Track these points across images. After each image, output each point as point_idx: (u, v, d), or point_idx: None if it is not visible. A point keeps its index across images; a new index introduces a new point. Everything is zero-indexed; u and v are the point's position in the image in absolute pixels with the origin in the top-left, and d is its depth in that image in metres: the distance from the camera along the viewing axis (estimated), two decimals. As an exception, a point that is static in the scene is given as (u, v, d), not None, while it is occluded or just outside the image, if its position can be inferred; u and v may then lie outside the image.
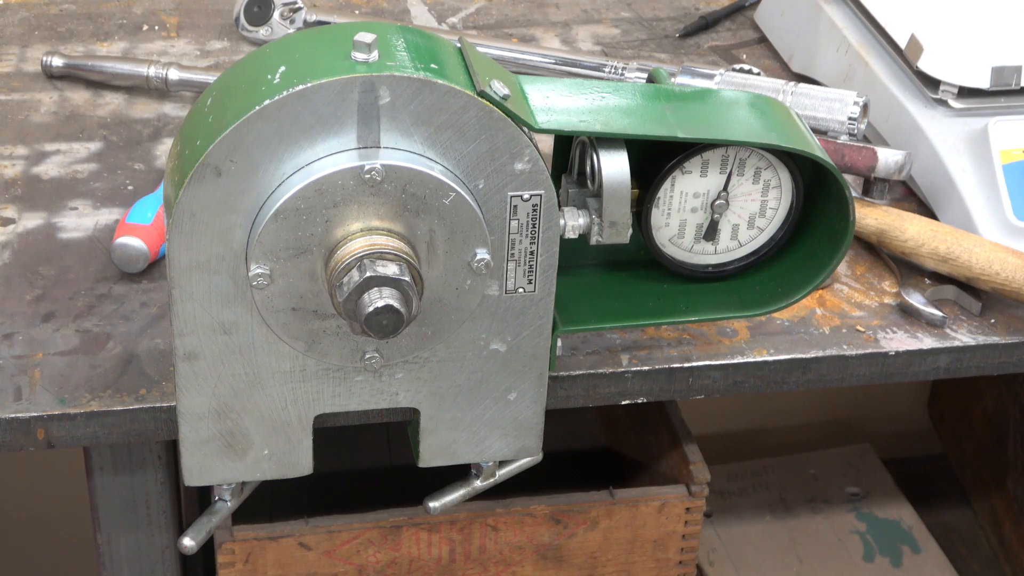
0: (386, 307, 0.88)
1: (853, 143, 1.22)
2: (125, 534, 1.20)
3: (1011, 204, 1.19)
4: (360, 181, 0.89)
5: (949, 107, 1.26)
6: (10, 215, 1.22)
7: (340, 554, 1.20)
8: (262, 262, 0.91)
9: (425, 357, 0.98)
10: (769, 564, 1.80)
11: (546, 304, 0.98)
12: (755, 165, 1.01)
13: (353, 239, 0.90)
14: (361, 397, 0.99)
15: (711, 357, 1.11)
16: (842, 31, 1.38)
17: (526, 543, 1.24)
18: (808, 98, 1.25)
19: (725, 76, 1.28)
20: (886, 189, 1.22)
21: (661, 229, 1.03)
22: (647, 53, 1.49)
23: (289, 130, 0.88)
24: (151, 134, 1.33)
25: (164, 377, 1.05)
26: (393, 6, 1.56)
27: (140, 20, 1.51)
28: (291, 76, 0.88)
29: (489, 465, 1.06)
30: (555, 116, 0.94)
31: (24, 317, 1.10)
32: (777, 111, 1.02)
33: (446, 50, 0.93)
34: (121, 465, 1.16)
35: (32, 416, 1.02)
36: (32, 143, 1.31)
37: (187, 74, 1.37)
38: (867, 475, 1.94)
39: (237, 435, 0.99)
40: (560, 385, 1.08)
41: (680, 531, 1.26)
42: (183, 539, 1.03)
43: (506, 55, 1.41)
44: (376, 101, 0.88)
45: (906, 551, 1.84)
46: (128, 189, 1.26)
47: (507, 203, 0.93)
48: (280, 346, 0.95)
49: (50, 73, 1.40)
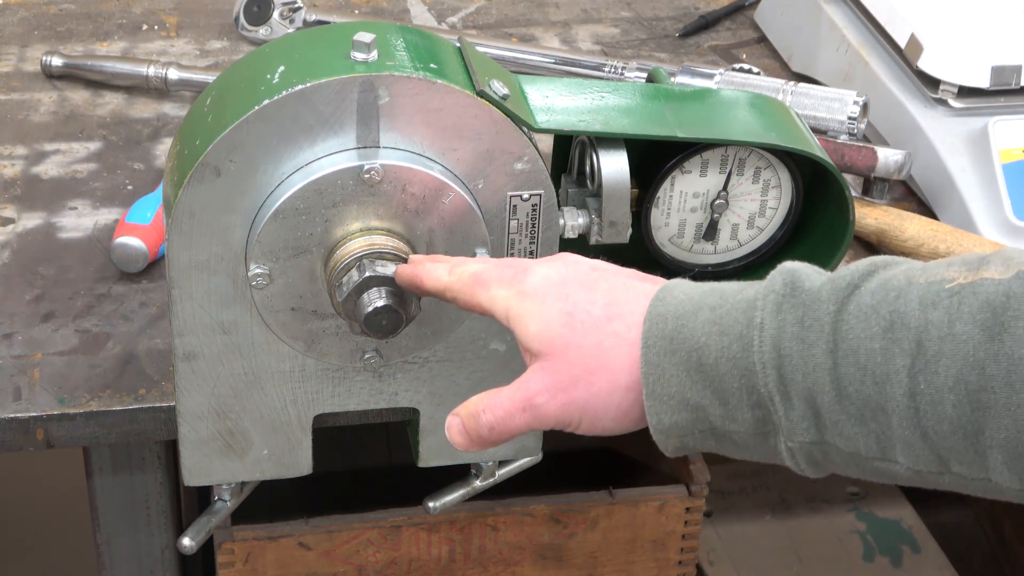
0: (385, 307, 0.88)
1: (853, 143, 1.22)
2: (125, 534, 1.19)
3: (1011, 204, 1.19)
4: (359, 181, 0.89)
5: (949, 107, 1.26)
6: (10, 215, 1.22)
7: (340, 554, 1.20)
8: (261, 262, 0.91)
9: (425, 357, 0.98)
10: (769, 564, 1.80)
11: (546, 304, 0.98)
12: (755, 165, 1.01)
13: (352, 239, 0.90)
14: (361, 397, 0.99)
15: (711, 357, 1.10)
16: (842, 31, 1.38)
17: (526, 543, 1.23)
18: (808, 98, 1.25)
19: (725, 76, 1.28)
20: (886, 189, 1.22)
21: (661, 229, 1.02)
22: (647, 53, 1.49)
23: (288, 130, 0.88)
24: (151, 134, 1.33)
25: (163, 377, 1.05)
26: (393, 6, 1.56)
27: (140, 20, 1.51)
28: (290, 76, 0.88)
29: (489, 465, 1.06)
30: (555, 116, 0.94)
31: (24, 317, 1.10)
32: (777, 111, 1.02)
33: (446, 50, 0.93)
34: (121, 465, 1.16)
35: (31, 416, 1.02)
36: (32, 143, 1.31)
37: (187, 74, 1.37)
38: (867, 475, 1.93)
39: (237, 435, 0.99)
40: (560, 385, 1.08)
41: (680, 531, 1.26)
42: (182, 539, 1.03)
43: (506, 55, 1.41)
44: (375, 101, 0.88)
45: (906, 551, 1.84)
46: (127, 189, 1.26)
47: (507, 203, 0.93)
48: (279, 346, 0.95)
49: (50, 73, 1.40)
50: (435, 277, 0.88)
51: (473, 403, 0.84)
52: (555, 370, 0.82)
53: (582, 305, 0.82)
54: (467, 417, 0.84)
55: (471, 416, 0.83)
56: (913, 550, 1.84)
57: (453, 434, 0.84)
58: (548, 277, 0.84)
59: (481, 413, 0.83)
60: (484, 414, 0.83)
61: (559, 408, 0.82)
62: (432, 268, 0.88)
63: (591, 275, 0.84)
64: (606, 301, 0.82)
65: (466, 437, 0.84)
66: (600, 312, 0.82)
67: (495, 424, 0.83)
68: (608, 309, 0.82)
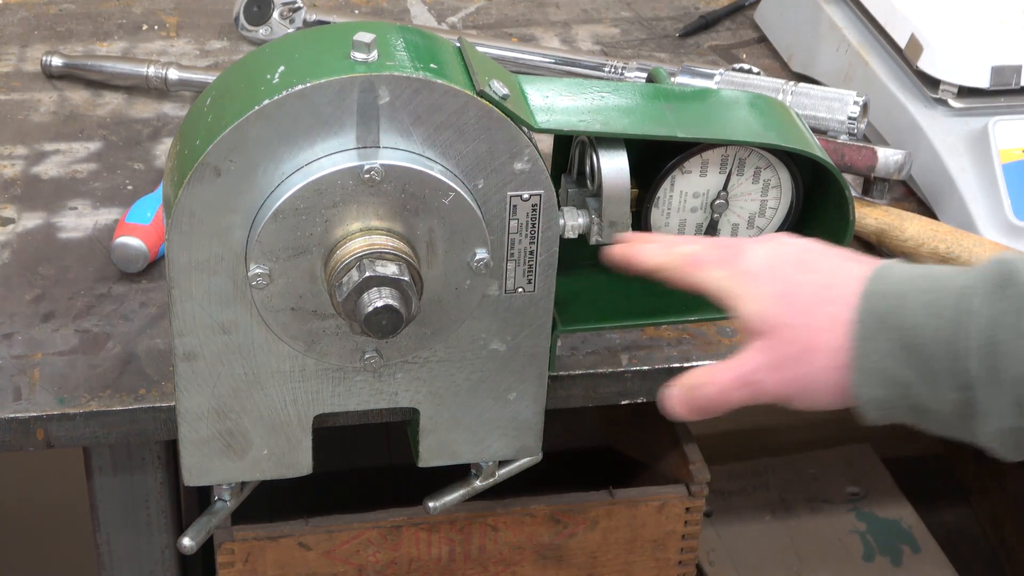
0: (385, 307, 0.88)
1: (853, 143, 1.22)
2: (125, 534, 1.19)
3: (1011, 204, 1.19)
4: (359, 181, 0.89)
5: (949, 107, 1.26)
6: (10, 215, 1.22)
7: (340, 554, 1.20)
8: (261, 262, 0.91)
9: (425, 357, 0.98)
10: (769, 564, 1.80)
11: (546, 304, 0.98)
12: (755, 165, 1.01)
13: (352, 239, 0.90)
14: (361, 397, 0.99)
15: (711, 357, 1.11)
16: (842, 31, 1.38)
17: (526, 543, 1.23)
18: (808, 98, 1.25)
19: (725, 76, 1.28)
20: (886, 189, 1.22)
21: (661, 229, 1.02)
22: (647, 53, 1.49)
23: (288, 130, 0.88)
24: (151, 134, 1.33)
25: (163, 377, 1.05)
26: (393, 6, 1.56)
27: (140, 20, 1.51)
28: (290, 76, 0.88)
29: (489, 465, 1.06)
30: (555, 116, 0.94)
31: (24, 317, 1.10)
32: (777, 111, 1.02)
33: (445, 50, 0.93)
34: (121, 465, 1.16)
35: (31, 416, 1.02)
36: (32, 143, 1.31)
37: (187, 74, 1.37)
38: (867, 475, 1.94)
39: (236, 435, 0.99)
40: (560, 385, 1.08)
41: (680, 531, 1.26)
42: (182, 539, 1.03)
43: (506, 55, 1.41)
44: (375, 101, 0.88)
45: (906, 551, 1.84)
46: (128, 189, 1.26)
47: (507, 203, 0.93)
48: (279, 346, 0.95)
49: (50, 73, 1.40)
50: (649, 256, 0.92)
51: (692, 376, 0.89)
52: (772, 349, 0.85)
53: (797, 285, 0.86)
54: (687, 389, 0.88)
55: (690, 389, 0.88)
56: (913, 550, 1.84)
57: (673, 403, 0.89)
58: (763, 257, 0.88)
59: (700, 387, 0.88)
60: (703, 388, 0.88)
61: (777, 385, 0.86)
62: (646, 248, 0.93)
63: (805, 256, 0.88)
64: (821, 282, 0.86)
65: (686, 407, 0.89)
66: (815, 292, 0.85)
67: (713, 398, 0.87)
68: (824, 290, 0.85)
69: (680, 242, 0.93)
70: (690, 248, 0.91)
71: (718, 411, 0.88)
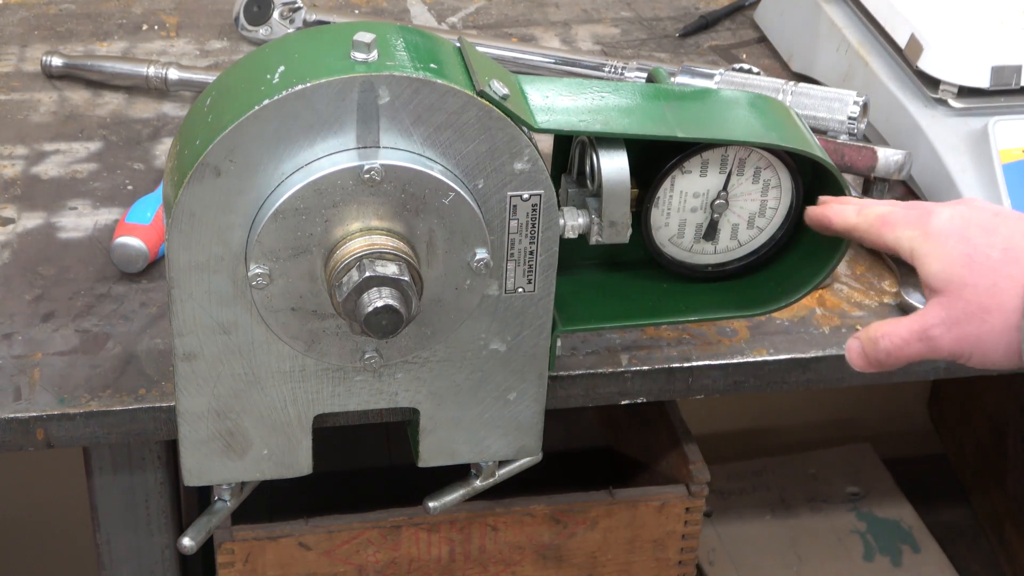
0: (385, 307, 0.88)
1: (853, 143, 1.22)
2: (125, 534, 1.19)
3: (1011, 204, 1.19)
4: (359, 181, 0.89)
5: (949, 107, 1.26)
6: (10, 215, 1.22)
7: (340, 554, 1.20)
8: (261, 262, 0.91)
9: (425, 357, 0.98)
10: (769, 564, 1.80)
11: (546, 304, 0.98)
12: (755, 165, 1.01)
13: (352, 239, 0.90)
14: (361, 397, 0.99)
15: (711, 357, 1.11)
16: (842, 31, 1.38)
17: (526, 543, 1.23)
18: (808, 98, 1.25)
19: (725, 76, 1.28)
20: (886, 189, 1.22)
21: (661, 229, 1.02)
22: (647, 53, 1.49)
23: (288, 130, 0.88)
24: (151, 134, 1.33)
25: (163, 377, 1.05)
26: (393, 6, 1.56)
27: (140, 20, 1.51)
28: (290, 76, 0.88)
29: (489, 465, 1.06)
30: (555, 116, 0.94)
31: (24, 317, 1.10)
32: (777, 111, 1.02)
33: (445, 50, 0.93)
34: (120, 465, 1.16)
35: (31, 416, 1.02)
36: (32, 143, 1.31)
37: (187, 74, 1.37)
38: (867, 475, 1.94)
39: (236, 435, 0.99)
40: (560, 385, 1.08)
41: (680, 531, 1.26)
42: (182, 539, 1.03)
43: (506, 55, 1.41)
44: (375, 101, 0.88)
45: (906, 551, 1.84)
46: (128, 189, 1.26)
47: (507, 203, 0.93)
48: (279, 346, 0.95)
49: (50, 73, 1.40)
50: (844, 217, 0.96)
51: (874, 328, 0.92)
52: (951, 306, 0.89)
53: (981, 248, 0.89)
54: (867, 341, 0.92)
55: (871, 340, 0.91)
56: (913, 550, 1.84)
57: (853, 356, 0.93)
58: (952, 219, 0.91)
59: (880, 339, 0.91)
60: (883, 340, 0.91)
61: (953, 341, 0.89)
62: (841, 209, 0.97)
63: (993, 220, 0.91)
64: (1005, 245, 0.89)
65: (864, 359, 0.92)
66: (998, 255, 0.89)
67: (892, 350, 0.91)
68: (1007, 253, 0.89)
69: (873, 204, 0.96)
70: (883, 209, 0.95)
71: (895, 364, 0.91)
